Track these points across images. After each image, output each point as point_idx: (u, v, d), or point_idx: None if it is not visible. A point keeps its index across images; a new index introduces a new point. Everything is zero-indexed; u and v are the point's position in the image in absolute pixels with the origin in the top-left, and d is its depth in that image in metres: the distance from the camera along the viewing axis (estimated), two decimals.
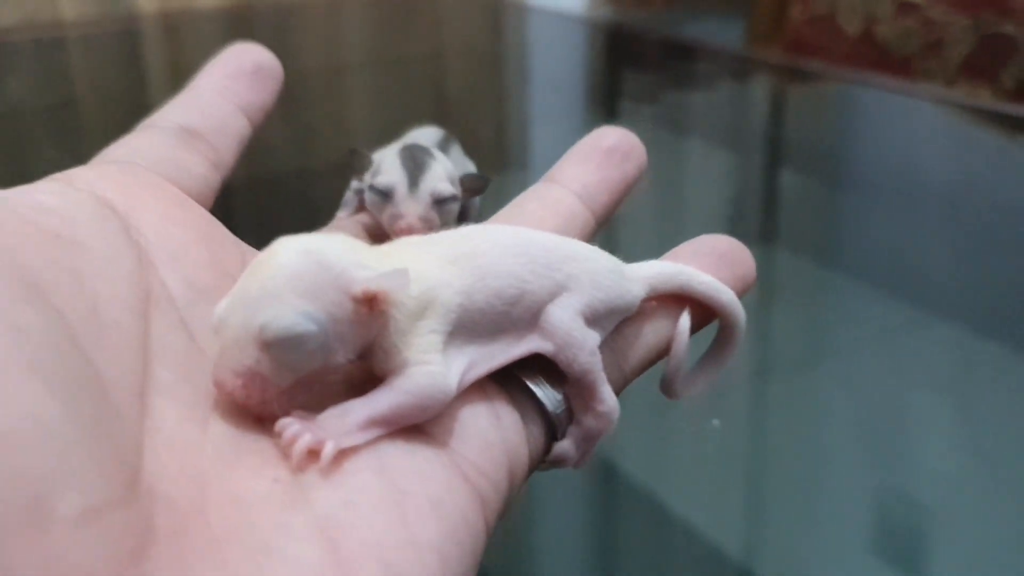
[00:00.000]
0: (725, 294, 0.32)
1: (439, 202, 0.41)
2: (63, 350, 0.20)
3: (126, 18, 1.10)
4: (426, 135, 0.47)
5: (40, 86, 1.04)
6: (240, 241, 0.30)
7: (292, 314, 0.23)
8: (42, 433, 0.18)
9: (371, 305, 0.24)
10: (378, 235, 0.40)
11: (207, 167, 0.32)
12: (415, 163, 0.42)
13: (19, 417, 0.18)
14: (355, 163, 0.42)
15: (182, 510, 0.21)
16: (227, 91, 0.34)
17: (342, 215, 0.44)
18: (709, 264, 0.33)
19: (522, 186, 0.38)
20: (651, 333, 0.32)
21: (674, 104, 1.06)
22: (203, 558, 0.20)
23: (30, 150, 0.84)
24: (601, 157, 0.36)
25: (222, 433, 0.23)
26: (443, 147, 0.46)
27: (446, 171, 0.42)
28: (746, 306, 0.34)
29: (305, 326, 0.23)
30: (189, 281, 0.26)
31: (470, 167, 0.46)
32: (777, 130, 1.05)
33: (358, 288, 0.23)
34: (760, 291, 0.33)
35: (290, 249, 0.24)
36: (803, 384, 0.68)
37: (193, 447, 0.22)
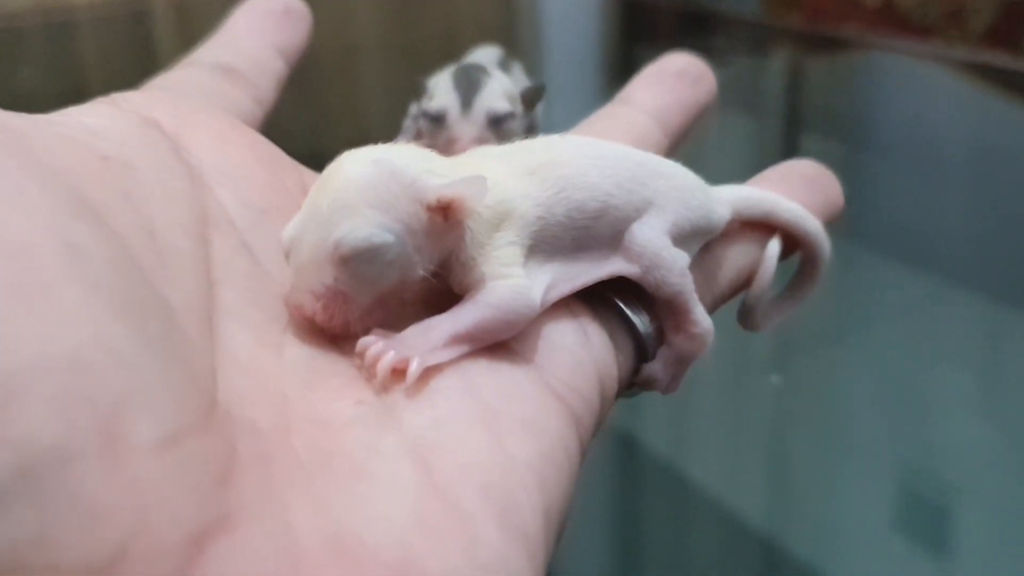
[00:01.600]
0: (810, 222, 0.31)
1: (495, 121, 0.39)
2: (125, 271, 0.19)
3: (138, 3, 1.10)
4: (485, 54, 0.46)
5: (51, 71, 1.04)
6: (298, 164, 0.29)
7: (367, 226, 0.22)
8: (110, 356, 0.17)
9: (446, 214, 0.23)
10: None
11: (249, 101, 0.31)
12: (468, 82, 0.40)
13: (84, 339, 0.17)
14: (415, 90, 0.41)
15: (265, 435, 0.20)
16: (261, 32, 0.34)
17: (401, 141, 0.42)
18: (797, 188, 0.32)
19: None
20: (741, 255, 0.31)
21: None
22: (292, 484, 0.19)
23: None
24: (672, 80, 0.35)
25: (298, 356, 0.22)
26: (504, 66, 0.44)
27: (503, 88, 0.40)
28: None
29: (382, 236, 0.22)
30: (247, 201, 0.25)
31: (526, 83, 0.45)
32: (796, 99, 1.04)
33: (432, 196, 0.22)
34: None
35: (359, 160, 0.23)
36: (826, 356, 0.68)
37: (270, 371, 0.21)
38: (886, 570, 0.56)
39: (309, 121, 0.89)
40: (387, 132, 0.37)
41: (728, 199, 0.30)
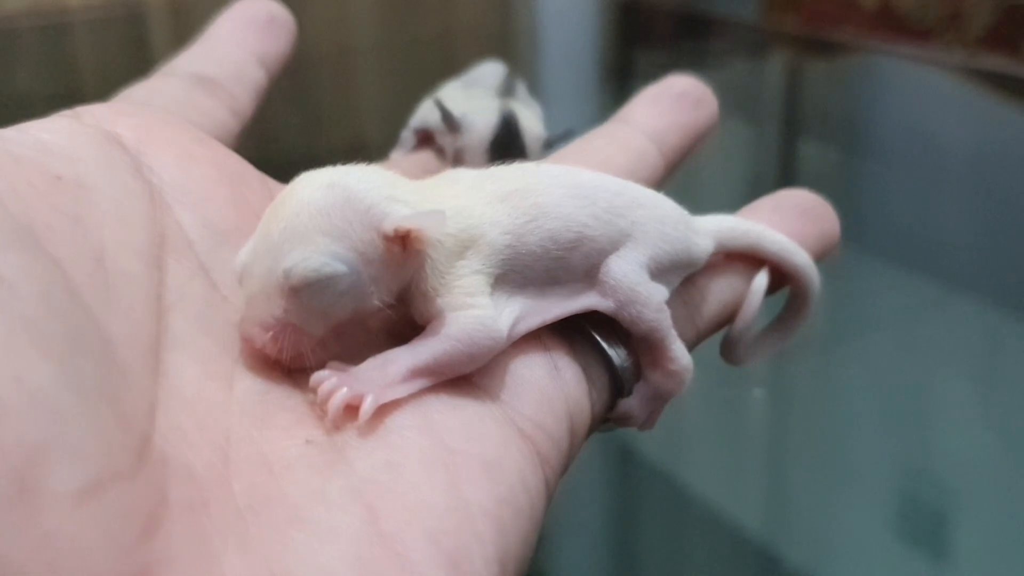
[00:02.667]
0: (799, 256, 0.30)
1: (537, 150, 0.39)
2: (58, 304, 0.18)
3: (132, 3, 1.10)
4: (489, 72, 0.45)
5: (46, 72, 1.04)
6: (267, 178, 0.28)
7: (318, 255, 0.21)
8: (28, 400, 0.16)
9: (404, 244, 0.22)
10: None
11: (224, 112, 0.31)
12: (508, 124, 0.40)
13: (1, 382, 0.16)
14: (443, 117, 0.40)
15: (201, 479, 0.19)
16: (242, 41, 0.33)
17: (397, 155, 0.41)
18: (791, 220, 0.31)
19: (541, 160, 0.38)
20: (726, 288, 0.30)
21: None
22: (225, 532, 0.18)
23: None
24: (671, 101, 0.35)
25: (249, 390, 0.21)
26: (507, 86, 0.44)
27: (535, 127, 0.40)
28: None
29: (334, 267, 0.21)
30: (209, 222, 0.24)
31: (536, 109, 0.44)
32: (794, 103, 1.04)
33: (389, 226, 0.21)
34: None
35: (313, 184, 0.22)
36: (824, 361, 0.68)
37: (216, 407, 0.21)
38: (883, 572, 0.56)
39: (304, 124, 0.89)
40: (383, 135, 0.37)
41: (712, 230, 0.29)
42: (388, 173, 0.23)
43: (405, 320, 0.24)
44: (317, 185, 0.22)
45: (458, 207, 0.23)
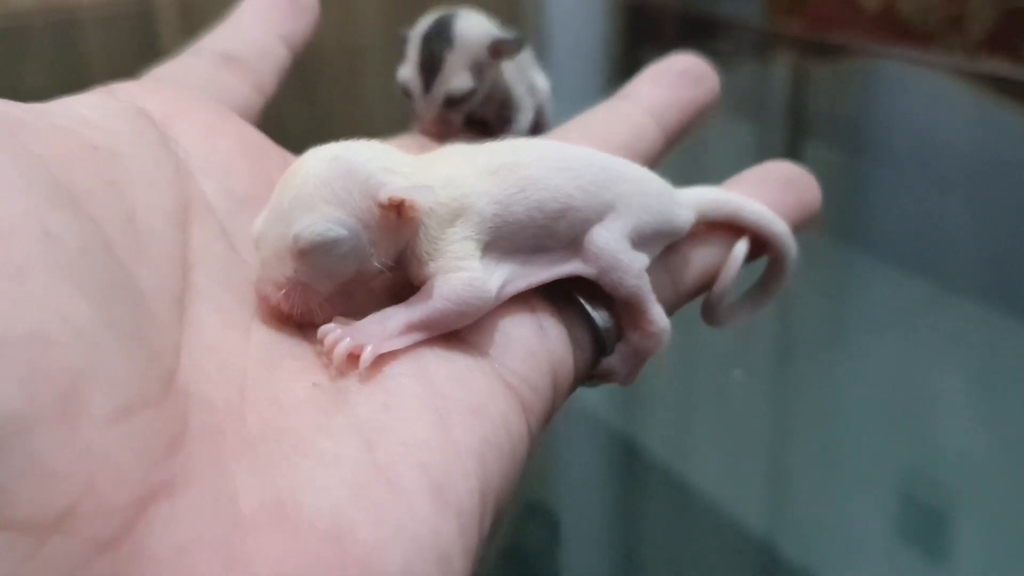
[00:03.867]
0: (776, 225, 0.31)
1: (452, 102, 0.39)
2: (97, 255, 0.20)
3: (142, 1, 1.10)
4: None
5: (56, 69, 1.04)
6: (286, 152, 0.30)
7: (323, 221, 0.23)
8: (71, 333, 0.18)
9: (398, 212, 0.24)
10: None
11: (248, 89, 0.32)
12: (431, 58, 0.39)
13: (48, 318, 0.18)
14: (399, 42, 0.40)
15: (219, 411, 0.21)
16: (267, 20, 0.35)
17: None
18: (773, 191, 0.32)
19: None
20: (708, 255, 0.32)
21: None
22: (239, 456, 0.20)
23: None
24: (673, 78, 0.36)
25: (263, 339, 0.23)
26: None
27: (467, 57, 0.40)
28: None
29: (336, 231, 0.23)
30: (229, 190, 0.26)
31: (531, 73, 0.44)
32: (798, 105, 1.04)
33: (384, 195, 0.23)
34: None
35: (318, 157, 0.24)
36: (825, 362, 0.68)
37: (234, 352, 0.22)
38: (883, 570, 0.56)
39: (314, 121, 0.89)
40: (390, 134, 0.37)
41: (694, 202, 0.30)
42: (388, 148, 0.25)
43: (403, 281, 0.25)
44: (322, 158, 0.24)
45: (450, 178, 0.25)
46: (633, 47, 1.22)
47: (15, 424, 0.17)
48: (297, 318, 0.24)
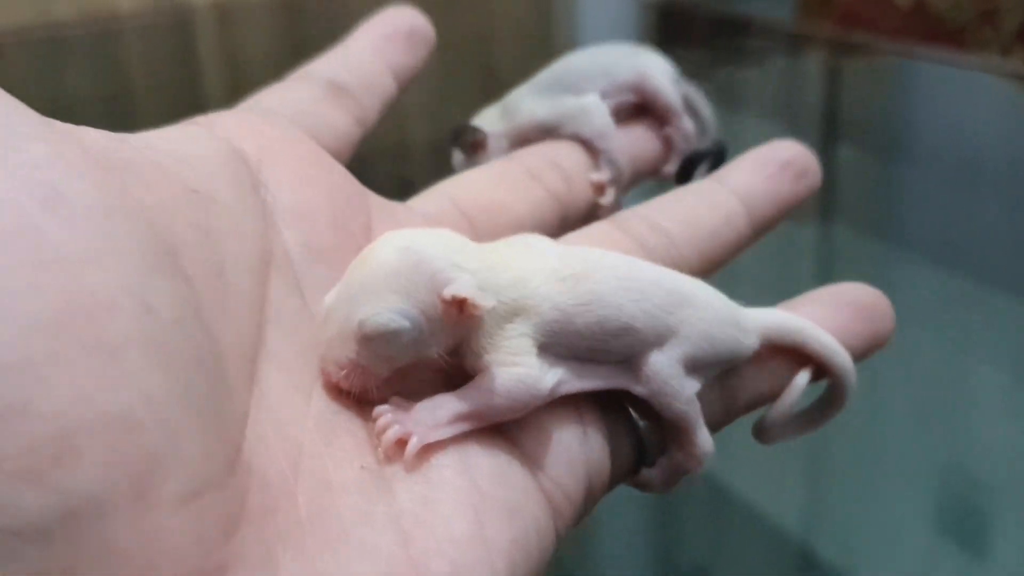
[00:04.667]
0: (840, 357, 0.31)
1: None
2: (187, 325, 0.21)
3: (180, 10, 1.12)
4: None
5: (96, 76, 1.06)
6: (369, 194, 0.31)
7: (387, 311, 0.24)
8: (154, 414, 0.18)
9: (460, 308, 0.24)
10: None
11: (350, 122, 0.33)
12: None
13: (136, 400, 0.18)
14: (464, 138, 0.41)
15: (274, 488, 0.21)
16: (380, 51, 0.35)
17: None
18: (845, 317, 0.32)
19: None
20: (765, 379, 0.31)
21: (726, 80, 1.05)
22: (286, 542, 0.21)
23: None
24: (774, 169, 0.35)
25: (323, 408, 0.24)
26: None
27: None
28: (804, 281, 0.34)
29: (398, 323, 0.24)
30: (308, 242, 0.27)
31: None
32: (830, 104, 1.04)
33: (448, 292, 0.24)
34: (817, 265, 0.32)
35: (391, 246, 0.25)
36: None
37: (295, 419, 0.23)
38: (922, 570, 0.56)
39: None
40: (426, 134, 0.38)
41: (760, 327, 0.30)
42: (459, 239, 0.26)
43: (460, 366, 0.26)
44: (395, 247, 0.24)
45: (517, 278, 0.25)
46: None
47: (93, 508, 0.17)
48: (355, 394, 0.25)
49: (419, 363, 0.25)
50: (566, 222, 0.36)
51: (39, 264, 0.18)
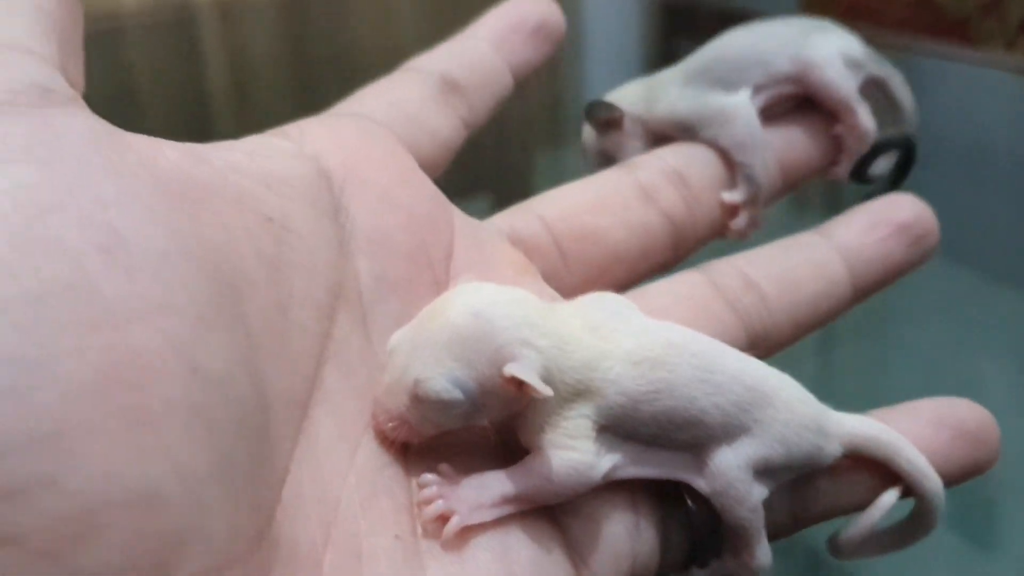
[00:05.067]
0: (931, 482, 0.29)
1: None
2: (235, 382, 0.20)
3: (183, 7, 1.11)
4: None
5: (101, 75, 1.06)
6: (458, 214, 0.29)
7: (443, 379, 0.23)
8: (185, 490, 0.18)
9: (519, 386, 0.23)
10: None
11: (455, 125, 0.32)
12: None
13: (166, 473, 0.18)
14: (598, 115, 0.37)
15: (301, 558, 0.21)
16: (503, 44, 0.34)
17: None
18: (944, 439, 0.29)
19: (579, 161, 0.37)
20: (844, 493, 0.29)
21: None
22: None
23: None
24: (889, 230, 0.32)
25: (368, 460, 0.24)
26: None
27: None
28: None
29: (453, 394, 0.23)
30: (381, 273, 0.26)
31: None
32: None
33: (507, 371, 0.23)
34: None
35: (463, 308, 0.24)
36: (869, 350, 0.68)
37: (337, 473, 0.23)
38: (931, 562, 0.56)
39: None
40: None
41: (845, 435, 0.28)
42: (534, 306, 0.25)
43: (513, 435, 0.26)
44: (466, 310, 0.24)
45: (587, 360, 0.24)
46: (669, 41, 1.22)
47: None
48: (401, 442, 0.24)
49: (465, 428, 0.25)
50: (681, 249, 0.34)
51: (88, 323, 0.18)
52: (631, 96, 0.38)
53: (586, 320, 0.26)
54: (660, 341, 0.26)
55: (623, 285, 0.32)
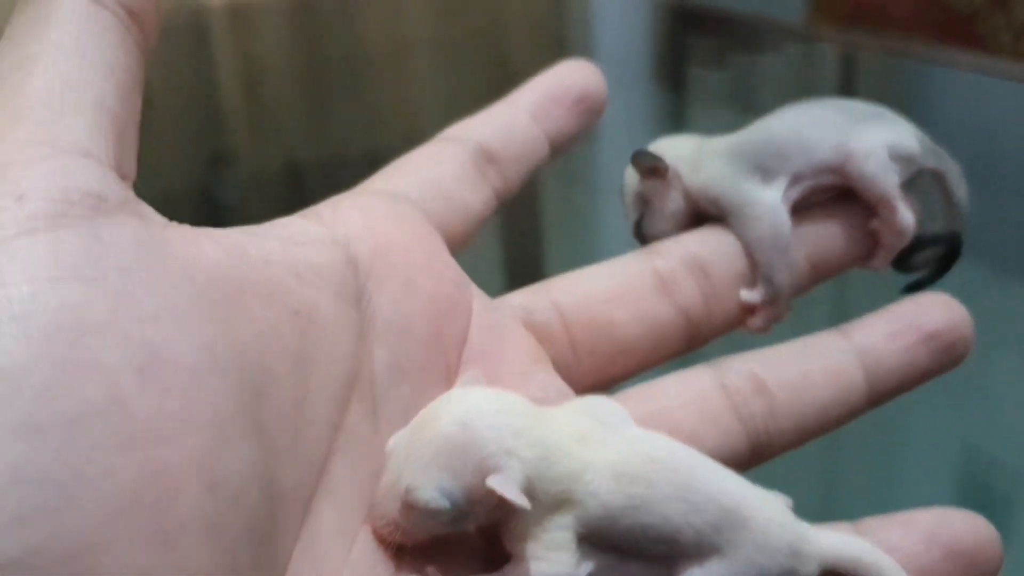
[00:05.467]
0: None
1: (641, 235, 0.37)
2: (248, 493, 0.21)
3: (195, 10, 1.12)
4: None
5: None
6: (477, 294, 0.30)
7: (432, 489, 0.24)
8: None
9: (501, 498, 0.24)
10: None
11: (487, 200, 0.32)
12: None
13: None
14: (643, 163, 0.36)
15: None
16: (543, 115, 0.33)
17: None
18: (935, 558, 0.28)
19: (588, 160, 0.37)
20: None
21: (738, 79, 1.06)
22: None
23: None
24: (918, 338, 0.31)
25: (362, 557, 0.24)
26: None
27: (630, 189, 0.37)
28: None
29: (439, 503, 0.24)
30: (396, 361, 0.27)
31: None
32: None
33: (490, 483, 0.24)
34: None
35: (451, 418, 0.24)
36: None
37: (333, 569, 0.24)
38: None
39: (363, 120, 0.90)
40: (438, 129, 0.37)
41: (825, 555, 0.27)
42: (522, 413, 0.25)
43: (499, 538, 0.26)
44: (455, 420, 0.24)
45: (570, 472, 0.25)
46: (677, 45, 1.22)
47: None
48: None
49: (454, 532, 0.25)
50: (695, 342, 0.33)
51: (118, 445, 0.19)
52: (679, 151, 0.37)
53: (574, 429, 0.26)
54: (642, 456, 0.26)
55: (631, 374, 0.33)
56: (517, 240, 0.88)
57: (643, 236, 0.36)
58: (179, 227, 0.23)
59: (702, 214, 0.35)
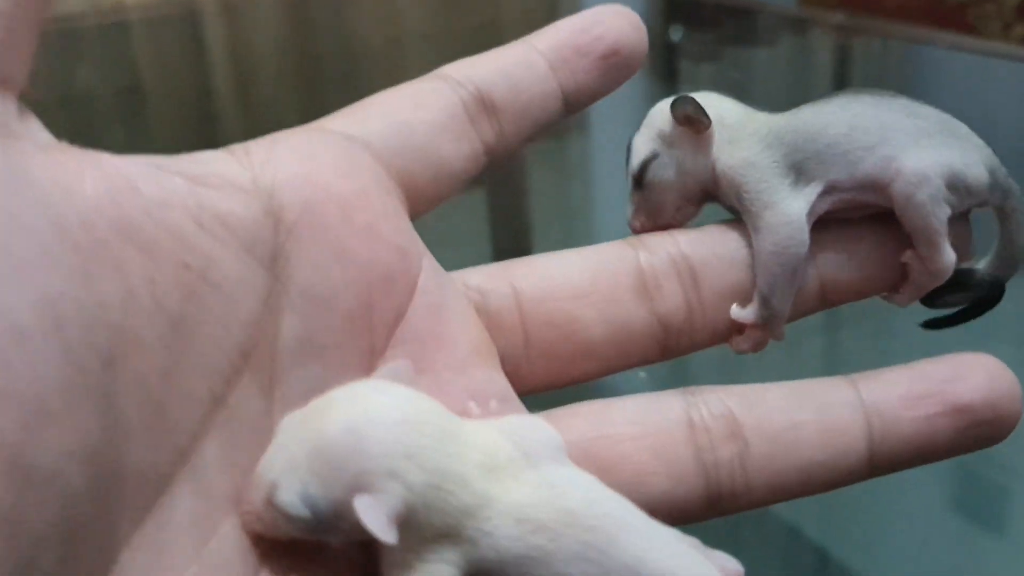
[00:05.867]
0: None
1: (640, 182, 0.31)
2: (62, 478, 0.18)
3: (188, 2, 1.12)
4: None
5: (107, 69, 1.06)
6: (427, 263, 0.26)
7: (293, 493, 0.21)
8: None
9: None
10: None
11: (471, 155, 0.27)
12: (627, 150, 0.31)
13: None
14: (683, 110, 0.29)
15: None
16: (563, 66, 0.28)
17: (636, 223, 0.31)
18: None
19: (582, 151, 0.37)
20: None
21: (732, 66, 1.06)
22: None
23: (98, 134, 0.86)
24: (943, 410, 0.26)
25: (218, 551, 0.21)
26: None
27: (651, 129, 0.30)
28: None
29: (299, 510, 0.21)
30: (309, 335, 0.23)
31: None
32: (838, 86, 1.04)
33: (357, 505, 0.20)
34: None
35: (339, 418, 0.21)
36: (876, 336, 0.68)
37: (176, 565, 0.20)
38: (944, 550, 0.56)
39: None
40: None
41: None
42: (433, 425, 0.22)
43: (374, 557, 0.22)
44: (342, 422, 0.21)
45: (467, 507, 0.21)
46: (671, 38, 1.22)
47: None
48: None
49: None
50: (671, 353, 0.29)
51: None
52: (724, 115, 0.31)
53: (486, 456, 0.22)
54: (556, 504, 0.22)
55: (592, 378, 0.28)
56: (505, 232, 0.88)
57: (642, 181, 0.30)
58: (65, 153, 0.20)
59: (712, 196, 0.31)
